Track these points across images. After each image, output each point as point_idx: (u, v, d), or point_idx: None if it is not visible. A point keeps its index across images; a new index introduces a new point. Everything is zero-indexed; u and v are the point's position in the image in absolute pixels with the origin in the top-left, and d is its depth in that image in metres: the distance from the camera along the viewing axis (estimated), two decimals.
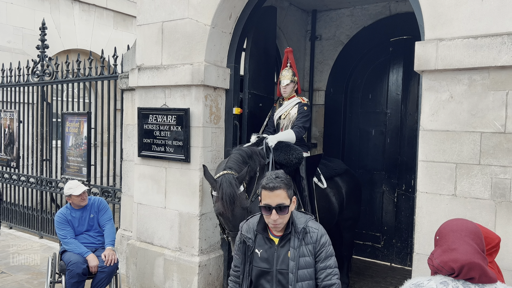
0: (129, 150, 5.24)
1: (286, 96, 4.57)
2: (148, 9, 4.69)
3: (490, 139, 2.90)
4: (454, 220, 1.88)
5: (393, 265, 6.00)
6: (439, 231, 1.86)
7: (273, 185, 2.21)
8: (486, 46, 2.87)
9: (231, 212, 3.17)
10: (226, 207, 3.14)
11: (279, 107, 4.62)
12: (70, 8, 9.35)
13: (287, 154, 3.99)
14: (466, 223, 1.83)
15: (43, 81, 6.61)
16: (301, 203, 4.06)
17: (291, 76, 4.53)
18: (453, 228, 1.80)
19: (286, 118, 4.52)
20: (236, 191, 3.20)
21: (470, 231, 1.77)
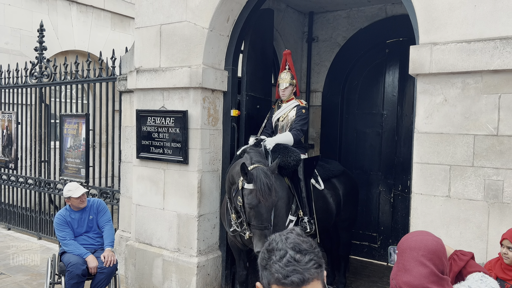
0: (127, 151, 5.28)
1: (285, 99, 4.61)
2: (146, 12, 4.73)
3: (483, 142, 2.96)
4: (414, 235, 1.76)
5: (389, 265, 6.06)
6: (399, 245, 1.77)
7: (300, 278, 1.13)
8: (479, 50, 2.93)
9: (270, 202, 3.31)
10: (265, 196, 3.26)
11: (278, 109, 4.66)
12: (67, 10, 9.36)
13: (285, 156, 4.04)
14: (426, 240, 1.70)
15: (41, 82, 6.64)
16: (299, 204, 4.11)
17: (290, 79, 4.57)
18: (410, 245, 1.69)
19: (284, 120, 4.56)
20: (273, 180, 3.34)
21: (428, 250, 1.65)
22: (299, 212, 4.10)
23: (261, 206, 3.32)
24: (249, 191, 3.35)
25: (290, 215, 4.06)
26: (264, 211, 3.35)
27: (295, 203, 4.11)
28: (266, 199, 3.28)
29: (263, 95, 5.15)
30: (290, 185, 4.16)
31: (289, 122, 4.53)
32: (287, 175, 4.18)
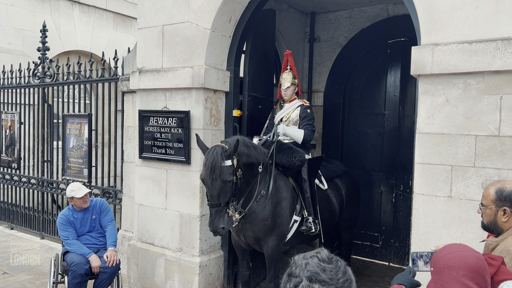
0: (130, 151, 5.30)
1: (287, 99, 4.62)
2: (148, 13, 4.74)
3: (485, 142, 2.97)
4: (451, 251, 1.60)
5: (391, 265, 6.07)
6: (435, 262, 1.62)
7: None
8: (480, 51, 2.94)
9: (210, 180, 3.39)
10: (207, 174, 3.38)
11: (280, 110, 4.67)
12: (70, 10, 9.39)
13: (290, 157, 4.08)
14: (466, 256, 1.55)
15: (44, 83, 6.66)
16: (304, 204, 4.13)
17: (292, 79, 4.59)
18: (449, 264, 1.55)
19: (287, 121, 4.57)
20: (220, 161, 3.37)
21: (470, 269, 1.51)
22: (303, 212, 4.11)
23: (207, 182, 3.44)
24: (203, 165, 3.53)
25: (295, 215, 4.08)
26: (210, 188, 3.43)
27: (299, 203, 4.13)
28: (206, 176, 3.39)
29: (265, 95, 5.16)
30: (294, 185, 4.18)
31: (292, 122, 4.54)
32: (291, 175, 4.21)
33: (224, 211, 3.46)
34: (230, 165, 3.45)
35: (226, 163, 3.41)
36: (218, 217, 3.42)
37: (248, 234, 3.89)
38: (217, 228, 3.44)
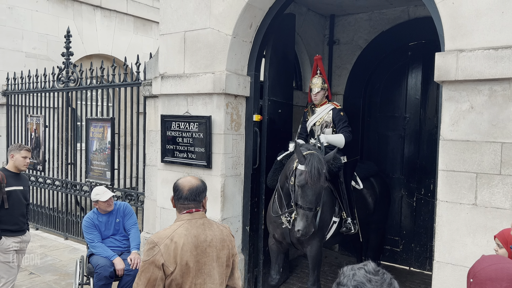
0: (152, 155, 5.38)
1: (317, 103, 4.74)
2: (170, 19, 4.81)
3: (511, 150, 2.93)
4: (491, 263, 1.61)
5: (412, 269, 6.02)
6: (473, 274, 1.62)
7: None
8: (507, 57, 2.90)
9: (315, 185, 3.54)
10: (312, 179, 3.52)
11: (312, 114, 4.79)
12: (92, 15, 9.58)
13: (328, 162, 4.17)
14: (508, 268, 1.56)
15: (68, 87, 6.82)
16: (342, 206, 4.30)
17: (321, 84, 4.69)
18: (491, 276, 1.55)
19: (320, 125, 4.70)
20: (324, 167, 3.59)
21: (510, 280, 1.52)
22: (342, 213, 4.30)
23: (308, 187, 3.57)
24: (301, 172, 3.63)
25: (334, 217, 4.26)
26: (310, 193, 3.57)
27: (337, 205, 4.31)
28: (313, 182, 3.54)
29: (285, 100, 5.18)
30: (332, 189, 4.35)
31: (325, 125, 4.67)
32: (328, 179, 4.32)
33: (314, 215, 3.63)
34: (325, 172, 3.65)
35: (325, 169, 3.64)
36: (310, 221, 3.58)
37: (294, 235, 4.04)
38: (310, 231, 3.60)
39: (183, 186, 2.25)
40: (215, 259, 2.20)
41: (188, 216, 2.21)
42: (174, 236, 2.12)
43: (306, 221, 3.58)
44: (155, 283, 2.04)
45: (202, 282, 2.14)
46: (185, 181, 2.28)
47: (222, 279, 2.25)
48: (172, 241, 2.10)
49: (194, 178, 2.32)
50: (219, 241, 2.24)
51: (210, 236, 2.21)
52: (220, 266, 2.24)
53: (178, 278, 2.08)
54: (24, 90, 7.59)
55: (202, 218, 2.23)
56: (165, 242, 2.09)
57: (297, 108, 6.09)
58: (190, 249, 2.12)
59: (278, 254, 4.24)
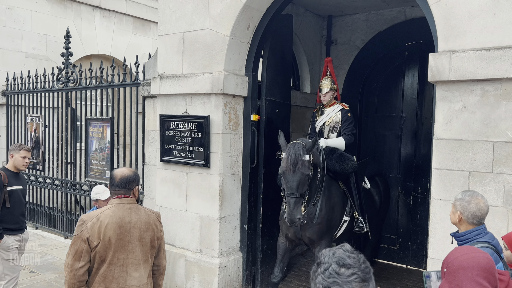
0: (151, 154, 5.44)
1: (326, 104, 4.85)
2: (169, 20, 4.87)
3: (503, 148, 2.99)
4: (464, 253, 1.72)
5: (408, 267, 6.08)
6: (447, 263, 1.72)
7: None
8: (498, 58, 2.96)
9: (291, 173, 3.62)
10: (289, 166, 3.62)
11: (322, 115, 4.89)
12: (91, 15, 9.63)
13: (342, 164, 4.36)
14: (478, 257, 1.67)
15: (67, 87, 6.87)
16: (354, 206, 4.41)
17: (331, 84, 4.80)
18: (463, 265, 1.65)
19: (329, 125, 4.80)
20: (301, 155, 3.66)
21: (482, 268, 1.63)
22: (354, 213, 4.41)
23: (288, 175, 3.66)
24: (282, 160, 3.76)
25: (345, 216, 4.36)
26: (290, 179, 3.65)
27: (349, 205, 4.41)
28: (291, 168, 3.62)
29: (283, 99, 5.23)
30: (344, 189, 4.45)
31: (334, 125, 4.78)
32: (341, 179, 4.49)
33: (300, 203, 3.69)
34: (308, 160, 3.72)
35: (305, 157, 3.70)
36: (296, 208, 3.64)
37: (305, 234, 4.14)
38: (295, 218, 3.64)
39: (116, 175, 2.63)
40: (138, 238, 2.57)
41: (117, 201, 2.59)
42: (101, 216, 2.52)
43: (288, 207, 3.65)
44: (81, 254, 2.44)
45: (125, 257, 2.53)
46: (118, 171, 2.66)
47: (146, 256, 2.62)
48: (98, 220, 2.49)
49: (127, 169, 2.70)
50: (143, 224, 2.60)
51: (135, 219, 2.57)
52: (143, 245, 2.59)
53: (101, 251, 2.47)
54: (23, 90, 7.64)
55: (130, 203, 2.61)
56: (92, 221, 2.50)
57: (295, 108, 6.15)
58: (114, 228, 2.49)
59: (285, 253, 4.33)
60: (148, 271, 2.65)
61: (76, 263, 2.43)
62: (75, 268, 2.43)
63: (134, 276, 2.56)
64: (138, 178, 2.69)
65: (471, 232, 2.33)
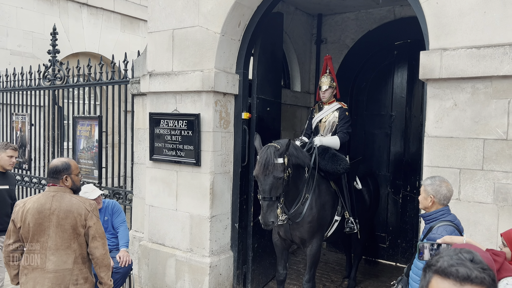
0: (140, 153, 5.37)
1: (325, 101, 4.83)
2: (159, 17, 4.81)
3: (493, 146, 3.02)
4: None
5: (398, 265, 6.12)
6: None
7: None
8: (488, 56, 2.98)
9: (263, 176, 3.60)
10: (261, 169, 3.61)
11: (319, 111, 4.86)
12: (78, 12, 9.49)
13: (335, 164, 4.35)
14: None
15: (54, 85, 6.75)
16: (345, 206, 4.40)
17: (330, 82, 4.79)
18: None
19: (326, 122, 4.78)
20: (273, 158, 3.62)
21: None
22: (344, 213, 4.40)
23: (260, 178, 3.64)
24: (256, 163, 3.76)
25: (336, 216, 4.36)
26: (263, 183, 3.63)
27: (340, 205, 4.40)
28: (262, 172, 3.60)
29: (273, 98, 5.22)
30: (336, 189, 4.44)
31: (330, 123, 4.75)
32: (333, 179, 4.48)
33: (275, 206, 3.65)
34: (282, 163, 3.67)
35: (278, 160, 3.65)
36: (269, 211, 3.60)
37: (295, 233, 4.12)
38: (268, 221, 3.60)
39: (50, 166, 2.97)
40: (56, 225, 2.80)
41: (47, 188, 2.91)
42: (27, 201, 2.86)
43: (262, 210, 3.63)
44: (10, 233, 2.90)
45: (44, 241, 2.80)
46: (52, 162, 2.99)
47: (68, 243, 2.83)
48: (24, 205, 2.84)
49: (59, 160, 2.98)
50: (62, 211, 2.81)
51: (55, 206, 2.81)
52: (63, 231, 2.81)
53: (24, 233, 2.83)
54: (9, 88, 7.48)
55: (55, 191, 2.87)
56: (19, 205, 2.87)
57: (285, 107, 6.15)
58: (33, 213, 2.78)
59: (283, 250, 4.33)
60: (73, 257, 2.84)
61: (7, 240, 2.90)
62: (6, 244, 2.91)
63: (51, 260, 2.79)
64: (67, 168, 2.91)
65: (436, 212, 2.56)
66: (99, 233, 2.92)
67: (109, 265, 3.00)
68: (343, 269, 5.74)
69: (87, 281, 2.93)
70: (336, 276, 5.65)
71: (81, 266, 2.88)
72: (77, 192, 3.13)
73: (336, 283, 5.41)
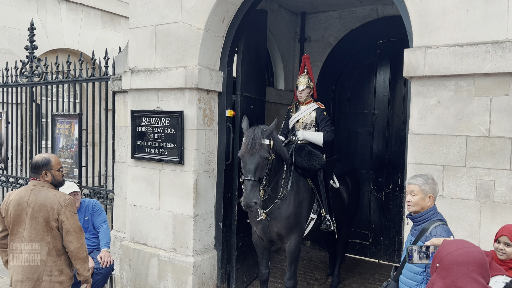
0: (121, 151, 5.27)
1: (302, 101, 4.81)
2: (140, 12, 4.72)
3: (475, 143, 3.05)
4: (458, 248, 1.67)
5: (380, 262, 6.17)
6: (440, 258, 1.69)
7: None
8: (471, 54, 3.02)
9: (249, 155, 3.59)
10: (247, 149, 3.61)
11: (296, 112, 4.85)
12: (57, 7, 9.26)
13: (311, 160, 4.33)
14: (473, 252, 1.64)
15: (32, 82, 6.57)
16: (322, 204, 4.38)
17: (307, 82, 4.78)
18: (457, 261, 1.62)
19: (303, 122, 4.78)
20: (260, 138, 3.65)
21: (477, 264, 1.60)
22: (321, 210, 4.39)
23: (246, 157, 3.63)
24: (242, 144, 3.73)
25: (312, 213, 4.33)
26: (248, 162, 3.61)
27: (316, 202, 4.39)
28: (247, 150, 3.61)
29: (257, 95, 5.19)
30: (312, 186, 4.43)
31: (308, 123, 4.75)
32: (309, 176, 4.46)
33: (258, 187, 3.62)
34: (268, 144, 3.71)
35: (265, 141, 3.68)
36: (252, 191, 3.56)
37: (273, 230, 4.08)
38: (251, 201, 3.54)
39: (32, 161, 3.14)
40: (30, 217, 2.97)
41: (29, 182, 3.10)
42: (11, 194, 3.08)
43: (245, 190, 3.58)
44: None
45: (22, 231, 3.00)
46: (34, 157, 3.16)
47: (42, 235, 2.98)
48: (9, 197, 3.07)
49: (40, 156, 3.13)
50: (37, 204, 2.97)
51: (32, 199, 2.99)
52: (36, 223, 2.97)
53: (7, 223, 3.05)
54: None
55: (34, 185, 3.05)
56: (7, 196, 3.10)
57: (269, 105, 6.12)
58: (13, 205, 3.00)
59: (263, 250, 4.29)
60: (46, 249, 2.99)
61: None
62: None
63: (25, 249, 2.98)
64: (47, 164, 3.06)
65: (427, 212, 2.46)
66: (74, 228, 3.02)
67: (84, 258, 3.11)
68: (326, 266, 5.76)
69: (62, 273, 3.05)
70: (320, 274, 5.66)
71: (56, 259, 3.02)
72: (58, 186, 3.22)
73: (320, 280, 5.42)
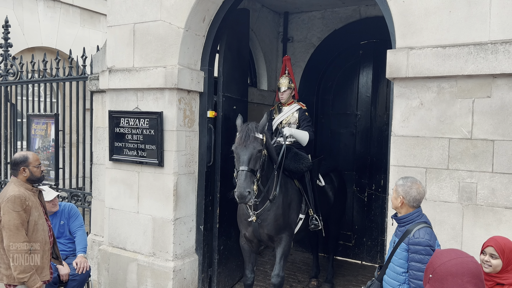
0: (99, 153, 5.12)
1: (284, 102, 4.84)
2: (119, 10, 4.59)
3: (458, 145, 3.03)
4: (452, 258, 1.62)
5: (363, 263, 6.16)
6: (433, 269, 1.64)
7: None
8: (454, 55, 2.99)
9: (243, 147, 3.65)
10: (241, 141, 3.67)
11: (279, 113, 4.87)
12: (34, 4, 8.99)
13: (298, 163, 4.37)
14: (467, 263, 1.59)
15: (6, 81, 6.35)
16: (309, 204, 4.40)
17: (288, 83, 4.79)
18: (452, 271, 1.57)
19: (286, 123, 4.80)
20: (254, 132, 3.73)
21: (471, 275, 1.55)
22: (309, 210, 4.41)
23: (240, 149, 3.68)
24: (236, 138, 3.79)
25: (300, 214, 4.35)
26: (242, 154, 3.65)
27: (304, 202, 4.42)
28: (242, 142, 3.66)
29: (240, 96, 5.10)
30: (299, 187, 4.44)
31: (291, 124, 4.77)
32: (296, 178, 4.47)
33: (252, 178, 3.62)
34: (261, 139, 3.77)
35: (258, 135, 3.75)
36: (246, 181, 3.54)
37: (263, 232, 4.07)
38: (244, 191, 3.50)
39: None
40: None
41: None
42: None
43: (239, 181, 3.56)
44: None
45: None
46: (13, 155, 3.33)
47: None
48: None
49: (18, 153, 3.25)
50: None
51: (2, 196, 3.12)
52: None
53: None
54: None
55: (10, 182, 3.19)
56: None
57: (252, 105, 6.04)
58: None
59: (250, 253, 4.25)
60: None
61: None
62: None
63: None
64: (25, 160, 3.15)
65: (412, 214, 2.53)
66: (8, 225, 3.02)
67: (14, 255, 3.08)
68: (309, 268, 5.71)
69: (9, 267, 3.06)
70: (303, 276, 5.61)
71: (3, 252, 3.06)
72: (36, 182, 3.27)
73: (303, 283, 5.37)
